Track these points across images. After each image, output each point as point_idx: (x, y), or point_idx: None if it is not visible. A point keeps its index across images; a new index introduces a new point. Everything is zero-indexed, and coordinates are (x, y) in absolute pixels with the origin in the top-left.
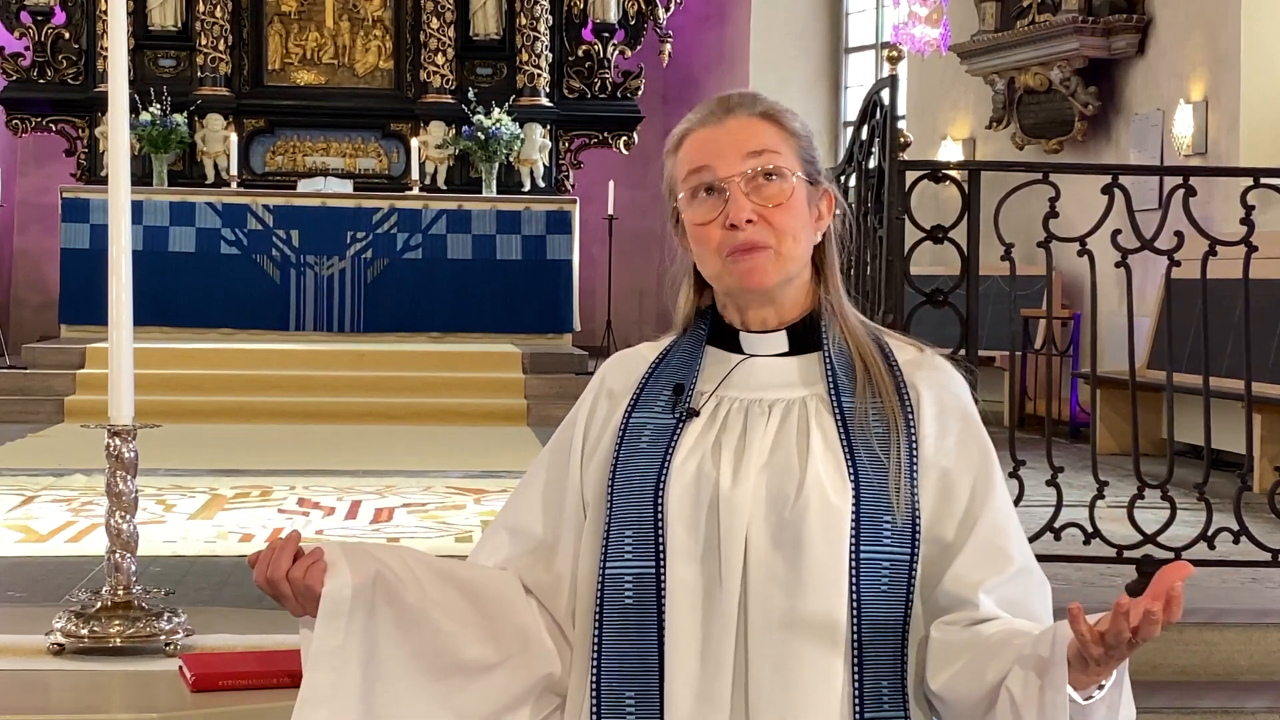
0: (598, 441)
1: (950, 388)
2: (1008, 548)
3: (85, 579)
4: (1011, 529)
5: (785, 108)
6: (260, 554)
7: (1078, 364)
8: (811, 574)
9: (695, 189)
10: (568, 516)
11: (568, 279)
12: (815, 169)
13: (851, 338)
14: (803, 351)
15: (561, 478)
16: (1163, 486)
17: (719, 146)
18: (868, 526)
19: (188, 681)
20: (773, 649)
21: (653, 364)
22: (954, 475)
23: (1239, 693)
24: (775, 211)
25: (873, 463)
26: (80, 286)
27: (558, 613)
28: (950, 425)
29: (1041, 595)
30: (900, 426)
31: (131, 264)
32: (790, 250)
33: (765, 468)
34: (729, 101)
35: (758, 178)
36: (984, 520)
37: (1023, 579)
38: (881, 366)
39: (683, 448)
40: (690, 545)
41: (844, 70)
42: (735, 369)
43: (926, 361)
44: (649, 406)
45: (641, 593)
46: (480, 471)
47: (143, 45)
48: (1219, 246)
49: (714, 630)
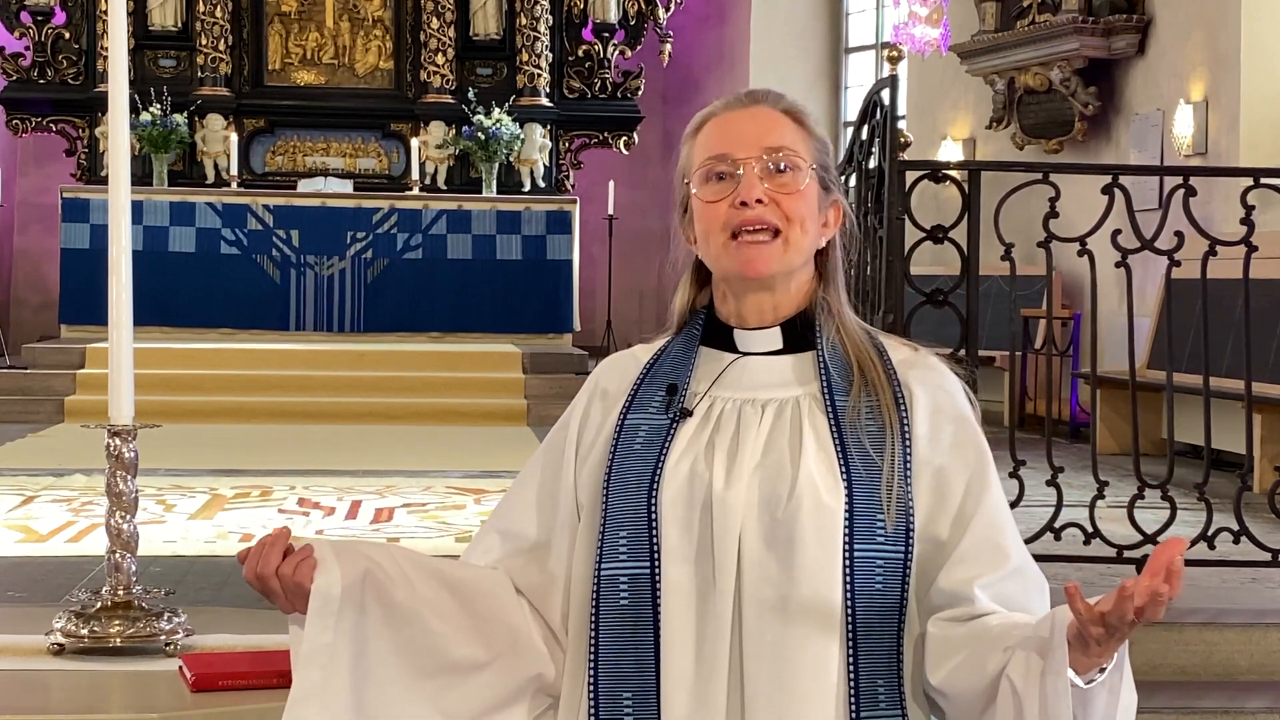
0: (591, 444)
1: (945, 387)
2: (1004, 545)
3: (85, 579)
4: (1008, 527)
5: (809, 111)
6: (250, 550)
7: (1078, 364)
8: (805, 574)
9: (709, 173)
10: (561, 518)
11: (568, 279)
12: (829, 176)
13: (847, 337)
14: (797, 350)
15: (555, 480)
16: (1163, 486)
17: (739, 132)
18: (861, 526)
19: (188, 681)
20: (767, 649)
21: (647, 365)
22: (948, 474)
23: (1239, 693)
24: (788, 198)
25: (865, 462)
26: (80, 286)
27: (549, 614)
28: (944, 425)
29: (1039, 594)
30: (894, 426)
31: (131, 264)
32: (797, 239)
33: (758, 468)
34: (755, 94)
35: (772, 165)
36: (979, 518)
37: (1019, 577)
38: (877, 366)
39: (676, 448)
40: (684, 546)
41: (844, 70)
42: (729, 368)
43: (921, 361)
44: (643, 407)
45: (637, 594)
46: (480, 471)
47: (143, 45)
48: (1219, 246)
49: (709, 631)
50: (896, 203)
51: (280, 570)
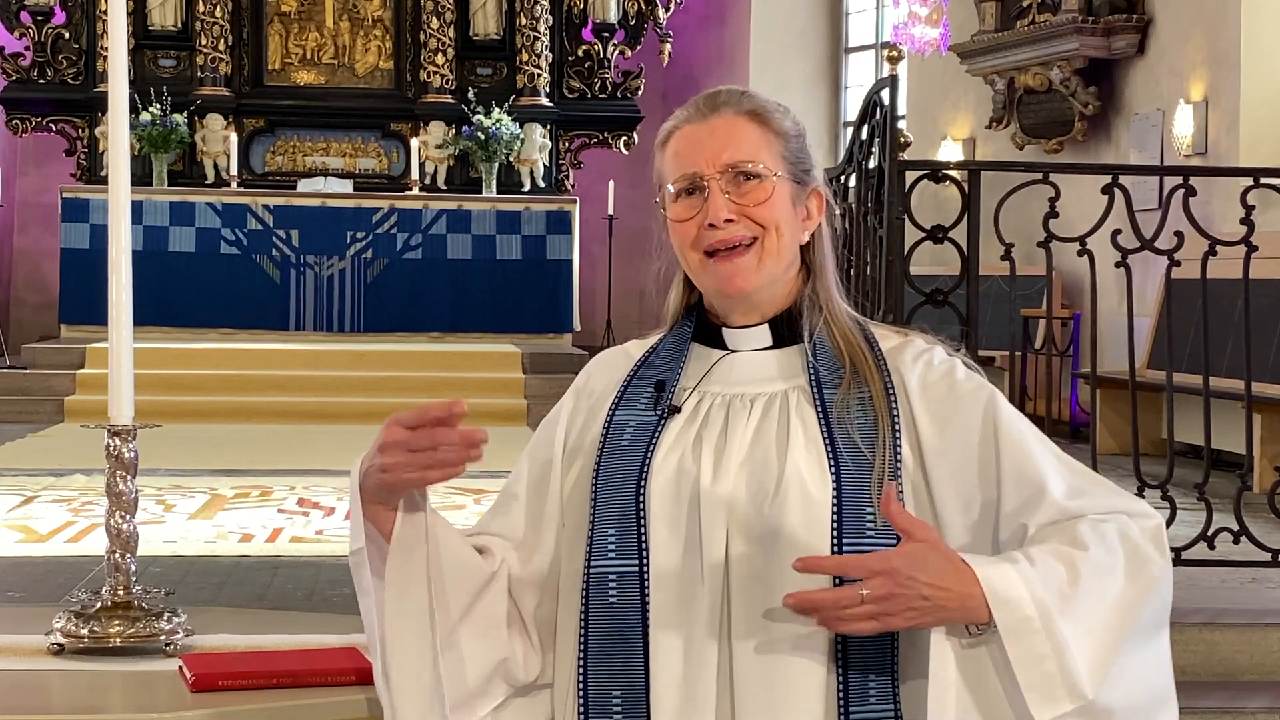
0: (579, 443)
1: (933, 362)
2: (1037, 478)
3: (85, 579)
4: (1035, 453)
5: (773, 105)
6: (423, 416)
7: (1078, 364)
8: (793, 569)
9: (677, 191)
10: (547, 515)
11: (567, 279)
12: (802, 168)
13: (836, 329)
14: (786, 345)
15: (543, 478)
16: (1163, 486)
17: (701, 147)
18: (850, 519)
19: (188, 681)
20: (756, 645)
21: (638, 362)
22: (963, 450)
23: (1239, 693)
24: (756, 209)
25: (854, 455)
26: (80, 286)
27: (524, 609)
28: (942, 403)
29: (1106, 494)
30: (885, 418)
31: (131, 264)
32: (773, 246)
33: (745, 463)
34: (715, 99)
35: (737, 177)
36: (1005, 463)
37: (1072, 497)
38: (867, 357)
39: (663, 445)
40: (672, 542)
41: (844, 70)
42: (717, 364)
43: (908, 345)
44: (632, 405)
45: (625, 590)
46: (479, 471)
47: (143, 45)
48: (1219, 246)
49: (697, 628)
50: (896, 203)
51: (407, 475)
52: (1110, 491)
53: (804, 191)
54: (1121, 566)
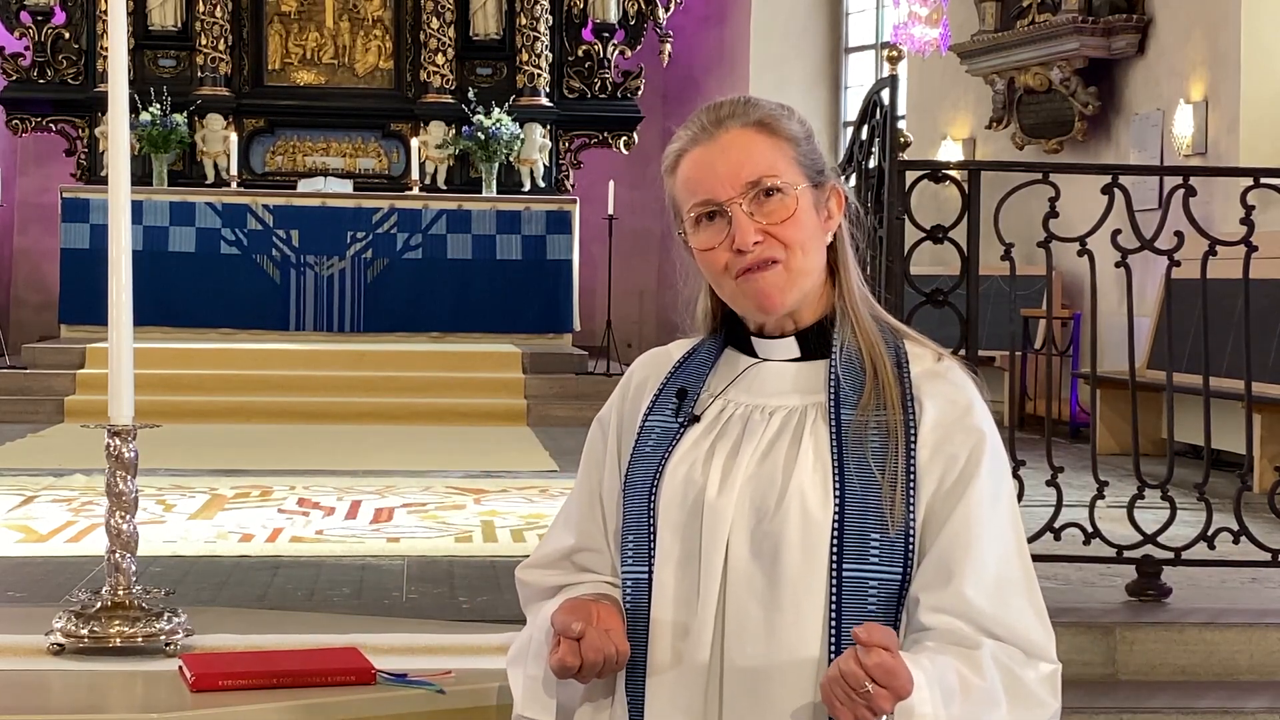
0: (628, 444)
1: (958, 400)
2: (954, 562)
3: (85, 579)
4: (983, 535)
5: (778, 110)
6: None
7: (1078, 364)
8: (788, 587)
9: (699, 218)
10: (597, 519)
11: (568, 279)
12: (817, 169)
13: (864, 341)
14: (816, 356)
15: (594, 487)
16: (1163, 486)
17: (714, 170)
18: (852, 542)
19: (188, 681)
20: (747, 660)
21: (676, 364)
22: (940, 489)
23: (1239, 693)
24: (781, 227)
25: (864, 477)
26: (80, 286)
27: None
28: (948, 438)
29: (1019, 613)
30: (900, 440)
31: (131, 264)
32: (800, 264)
33: (752, 478)
34: (719, 113)
35: (758, 195)
36: (949, 528)
37: (980, 594)
38: (890, 375)
39: (678, 453)
40: (675, 551)
41: (844, 70)
42: (744, 373)
43: (939, 372)
44: (661, 409)
45: (638, 597)
46: (480, 471)
47: (143, 45)
48: (1219, 246)
49: (691, 639)
50: (896, 203)
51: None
52: (1030, 618)
53: (823, 193)
54: (1005, 703)
